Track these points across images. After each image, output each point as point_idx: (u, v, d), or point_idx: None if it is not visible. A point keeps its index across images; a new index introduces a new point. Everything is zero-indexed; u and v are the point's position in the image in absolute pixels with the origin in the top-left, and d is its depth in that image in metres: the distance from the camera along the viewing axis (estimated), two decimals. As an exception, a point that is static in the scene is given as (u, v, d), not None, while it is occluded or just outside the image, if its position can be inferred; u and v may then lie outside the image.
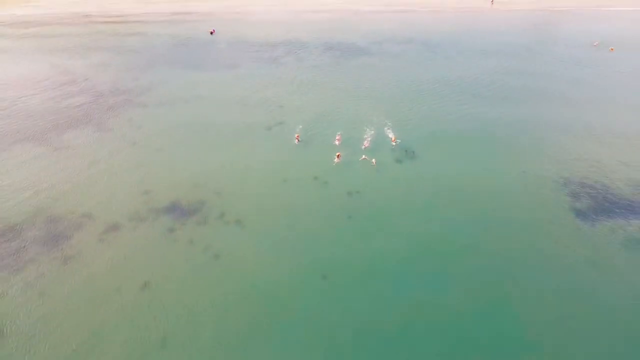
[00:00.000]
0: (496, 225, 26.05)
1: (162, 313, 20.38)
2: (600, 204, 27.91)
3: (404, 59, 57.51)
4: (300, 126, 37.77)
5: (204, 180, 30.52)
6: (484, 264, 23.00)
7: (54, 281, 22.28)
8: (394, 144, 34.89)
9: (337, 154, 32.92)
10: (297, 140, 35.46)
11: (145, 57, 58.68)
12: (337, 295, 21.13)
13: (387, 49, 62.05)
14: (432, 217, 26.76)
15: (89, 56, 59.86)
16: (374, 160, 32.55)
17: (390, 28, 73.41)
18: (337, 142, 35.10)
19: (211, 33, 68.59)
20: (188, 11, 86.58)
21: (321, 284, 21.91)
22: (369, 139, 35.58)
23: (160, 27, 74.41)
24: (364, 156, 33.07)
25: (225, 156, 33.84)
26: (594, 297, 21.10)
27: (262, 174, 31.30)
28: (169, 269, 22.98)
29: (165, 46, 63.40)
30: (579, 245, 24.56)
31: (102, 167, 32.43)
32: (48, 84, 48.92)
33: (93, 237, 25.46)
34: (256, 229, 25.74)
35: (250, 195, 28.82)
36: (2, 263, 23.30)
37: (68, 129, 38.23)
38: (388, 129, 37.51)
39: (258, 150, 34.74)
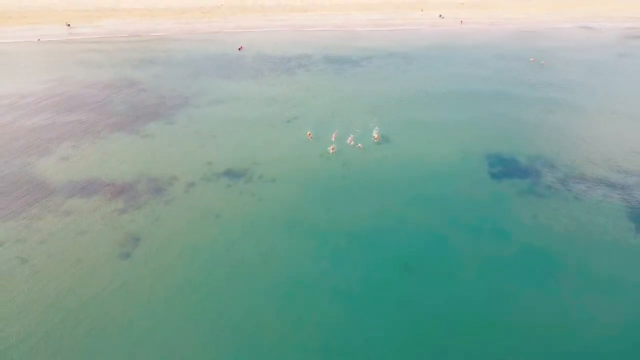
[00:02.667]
0: (438, 180, 35.63)
1: (230, 231, 30.09)
2: (508, 169, 37.41)
3: (386, 70, 66.36)
4: (311, 126, 45.63)
5: (246, 155, 40.02)
6: (426, 204, 32.70)
7: (162, 213, 31.96)
8: (376, 141, 42.56)
9: (332, 147, 40.75)
10: (309, 136, 43.30)
11: (190, 69, 67.74)
12: (336, 219, 30.91)
13: (374, 62, 70.79)
14: (398, 178, 36.30)
15: (146, 68, 68.82)
16: (360, 144, 41.92)
17: (378, 44, 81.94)
18: (333, 138, 42.83)
19: (239, 49, 77.31)
20: (219, 30, 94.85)
21: (326, 213, 31.62)
22: (354, 136, 42.65)
23: (198, 44, 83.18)
24: (352, 143, 42.24)
25: (258, 140, 43.27)
26: (494, 223, 30.86)
27: (285, 151, 40.76)
28: (231, 207, 32.67)
29: (204, 60, 72.30)
30: (489, 192, 34.21)
31: (177, 147, 41.99)
32: (123, 89, 58.14)
33: (180, 189, 35.14)
34: (283, 183, 35.41)
35: (279, 164, 38.33)
36: (129, 204, 33.01)
37: (147, 122, 47.70)
38: (373, 127, 44.85)
39: (281, 136, 44.17)
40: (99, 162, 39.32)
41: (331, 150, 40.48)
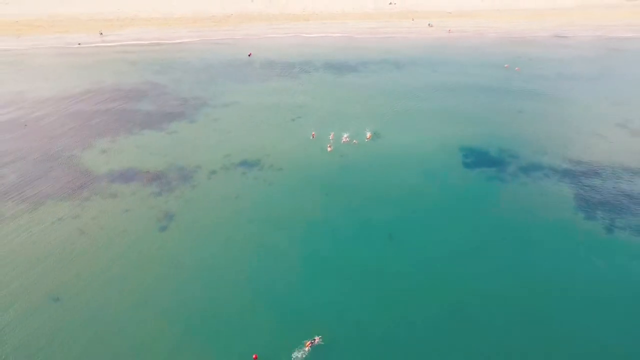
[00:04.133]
0: (420, 167, 39.84)
1: (247, 208, 34.45)
2: (478, 159, 41.61)
3: (379, 74, 70.11)
4: (314, 126, 48.69)
5: (258, 148, 44.18)
6: (408, 187, 36.96)
7: (190, 195, 36.27)
8: (367, 139, 45.79)
9: (329, 145, 44.35)
10: (312, 136, 46.68)
11: (206, 73, 71.60)
12: (333, 199, 35.25)
13: (369, 67, 74.50)
14: (386, 167, 40.55)
15: (167, 72, 72.67)
16: (355, 141, 46.00)
17: (372, 51, 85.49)
18: (331, 138, 45.96)
19: (249, 55, 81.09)
20: (230, 37, 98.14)
21: (326, 197, 35.86)
22: (349, 134, 46.34)
23: (212, 51, 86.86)
24: (346, 140, 45.89)
25: (268, 135, 47.37)
26: (463, 202, 35.18)
27: (292, 145, 44.85)
28: (247, 190, 36.93)
29: (218, 65, 76.06)
30: (462, 178, 38.48)
31: (199, 141, 46.16)
32: (149, 92, 62.22)
33: (204, 176, 39.42)
34: (290, 171, 39.65)
35: (286, 156, 42.51)
36: (162, 188, 37.30)
37: (172, 121, 51.86)
38: (367, 126, 48.26)
39: (287, 132, 48.25)
40: (133, 154, 43.67)
41: (329, 149, 43.92)
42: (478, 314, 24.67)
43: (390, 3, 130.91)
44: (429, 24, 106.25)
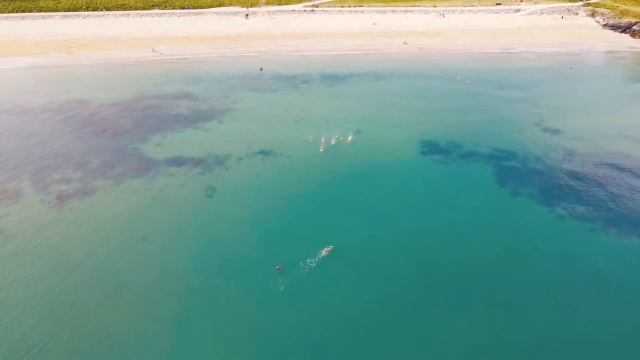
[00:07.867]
0: (388, 156, 48.26)
1: (266, 182, 42.69)
2: (431, 149, 50.00)
3: (362, 85, 77.86)
4: (311, 128, 55.49)
5: (271, 142, 51.97)
6: (377, 167, 45.37)
7: (225, 174, 44.37)
8: (351, 138, 52.68)
9: (321, 146, 50.83)
10: (310, 140, 53.21)
11: (227, 84, 78.77)
12: (325, 174, 43.70)
13: (354, 79, 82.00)
14: (364, 153, 48.89)
15: (196, 83, 79.73)
16: (342, 138, 53.52)
17: (358, 65, 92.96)
18: (322, 140, 52.18)
19: (260, 69, 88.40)
20: (243, 54, 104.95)
21: (322, 174, 44.30)
22: (336, 137, 52.71)
23: (230, 65, 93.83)
24: (336, 137, 53.73)
25: (278, 132, 55.08)
26: (416, 178, 43.68)
27: (295, 140, 52.74)
28: (265, 171, 45.15)
29: (236, 77, 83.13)
30: (417, 162, 46.95)
31: (227, 136, 54.07)
32: (184, 99, 69.52)
33: (233, 161, 47.43)
34: (295, 158, 47.82)
35: (291, 148, 50.49)
36: (205, 169, 45.34)
37: (205, 121, 59.51)
38: (352, 127, 55.11)
39: (291, 129, 56.14)
40: (180, 145, 51.63)
41: (321, 149, 50.20)
42: (428, 232, 33.46)
43: (374, 23, 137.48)
44: (404, 42, 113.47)
